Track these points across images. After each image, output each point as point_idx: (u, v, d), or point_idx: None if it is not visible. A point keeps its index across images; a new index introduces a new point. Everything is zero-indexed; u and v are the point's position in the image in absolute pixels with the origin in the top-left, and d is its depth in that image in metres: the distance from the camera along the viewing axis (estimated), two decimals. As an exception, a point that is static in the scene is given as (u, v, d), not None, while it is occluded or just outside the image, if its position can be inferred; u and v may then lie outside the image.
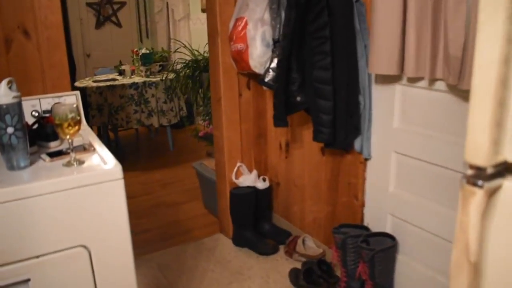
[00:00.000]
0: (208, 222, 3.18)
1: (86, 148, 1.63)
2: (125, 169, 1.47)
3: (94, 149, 1.64)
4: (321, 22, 2.00)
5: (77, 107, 1.51)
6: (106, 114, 4.50)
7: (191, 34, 5.59)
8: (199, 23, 5.46)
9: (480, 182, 0.53)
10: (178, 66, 4.36)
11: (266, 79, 2.25)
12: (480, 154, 0.53)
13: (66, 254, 1.41)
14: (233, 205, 2.74)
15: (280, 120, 2.18)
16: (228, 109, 2.64)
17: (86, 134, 1.86)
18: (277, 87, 2.14)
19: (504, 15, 0.51)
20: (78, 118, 1.45)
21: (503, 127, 0.53)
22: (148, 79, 4.57)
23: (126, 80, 4.58)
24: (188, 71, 4.23)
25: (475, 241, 0.55)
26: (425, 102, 1.90)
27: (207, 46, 4.64)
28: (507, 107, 0.52)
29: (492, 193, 0.54)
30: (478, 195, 0.54)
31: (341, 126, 2.07)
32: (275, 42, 2.26)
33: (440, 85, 1.81)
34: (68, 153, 1.50)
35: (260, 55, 2.28)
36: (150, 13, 6.71)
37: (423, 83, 1.87)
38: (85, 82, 4.70)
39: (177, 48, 4.42)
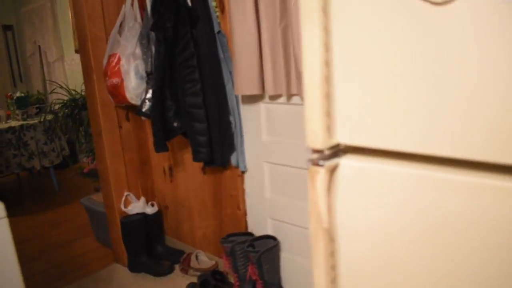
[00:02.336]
0: (102, 254, 3.00)
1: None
2: (8, 215, 1.35)
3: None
4: (188, 53, 2.04)
5: None
6: (-18, 162, 4.07)
7: (67, 75, 5.32)
8: (73, 63, 5.22)
9: (321, 162, 0.60)
10: (56, 107, 4.12)
11: (143, 109, 2.23)
12: (317, 139, 0.60)
13: None
14: (125, 233, 2.63)
15: (160, 146, 2.17)
16: (110, 141, 2.55)
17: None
18: (154, 115, 2.13)
19: (319, 29, 0.58)
20: None
21: (331, 116, 0.60)
22: (25, 122, 4.23)
23: (2, 125, 4.19)
24: (67, 110, 4.02)
25: (325, 211, 0.61)
26: (285, 115, 2.02)
27: (83, 85, 4.49)
28: (333, 100, 0.60)
29: (333, 171, 0.61)
30: (321, 173, 0.60)
31: (217, 145, 2.12)
32: (148, 74, 2.25)
33: (297, 99, 1.96)
34: None
35: (135, 87, 2.25)
36: (22, 57, 6.26)
37: (283, 99, 2.00)
38: (-45, 132, 4.21)
39: (54, 89, 4.17)
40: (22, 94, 4.46)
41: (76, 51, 5.09)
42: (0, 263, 1.33)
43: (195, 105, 2.06)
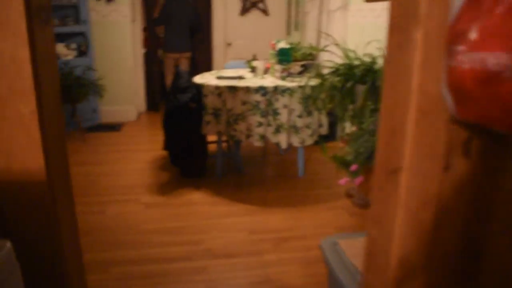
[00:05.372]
0: None
1: None
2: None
3: None
4: None
5: None
6: (224, 123, 3.25)
7: (348, 30, 4.07)
8: (359, 15, 3.92)
9: None
10: (325, 71, 2.92)
11: None
12: None
13: None
14: None
15: None
16: (410, 195, 1.12)
17: None
18: None
19: None
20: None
21: None
22: (281, 84, 3.20)
23: (253, 82, 3.27)
24: (337, 79, 2.77)
25: None
26: None
27: (367, 46, 3.03)
28: None
29: None
30: None
31: None
32: None
33: None
34: None
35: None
36: (301, 1, 5.32)
37: None
38: (207, 78, 3.50)
39: (326, 46, 2.96)
40: (287, 46, 3.41)
41: (368, -2, 3.74)
42: None
43: None
